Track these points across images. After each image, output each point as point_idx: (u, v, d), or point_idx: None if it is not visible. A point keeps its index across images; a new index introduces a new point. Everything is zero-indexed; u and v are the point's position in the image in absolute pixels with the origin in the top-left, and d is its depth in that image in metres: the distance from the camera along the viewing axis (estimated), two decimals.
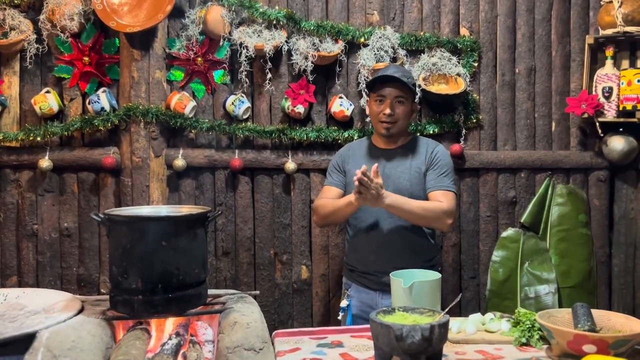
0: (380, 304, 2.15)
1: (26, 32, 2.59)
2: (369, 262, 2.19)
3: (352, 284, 2.26)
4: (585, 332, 1.48)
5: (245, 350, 1.50)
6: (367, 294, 2.21)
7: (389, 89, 2.14)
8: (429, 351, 1.40)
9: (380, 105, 2.17)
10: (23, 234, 2.70)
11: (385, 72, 2.16)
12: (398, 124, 2.18)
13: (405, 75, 2.16)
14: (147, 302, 1.59)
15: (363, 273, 2.22)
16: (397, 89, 2.14)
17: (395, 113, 2.15)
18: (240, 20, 2.72)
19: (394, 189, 2.12)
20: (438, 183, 2.16)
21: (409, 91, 2.17)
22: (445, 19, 2.86)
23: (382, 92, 2.16)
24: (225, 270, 2.79)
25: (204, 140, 2.77)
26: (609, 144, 2.78)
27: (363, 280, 2.22)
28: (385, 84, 2.14)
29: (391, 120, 2.16)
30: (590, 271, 2.81)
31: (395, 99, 2.15)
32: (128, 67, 2.62)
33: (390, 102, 2.15)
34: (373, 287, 2.19)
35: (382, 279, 2.11)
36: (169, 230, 1.62)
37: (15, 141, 2.62)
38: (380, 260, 2.16)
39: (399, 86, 2.14)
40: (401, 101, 2.16)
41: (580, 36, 2.89)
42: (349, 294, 2.25)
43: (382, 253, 2.16)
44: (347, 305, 2.23)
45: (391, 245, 2.16)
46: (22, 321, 1.57)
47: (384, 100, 2.16)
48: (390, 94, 2.15)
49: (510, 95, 2.90)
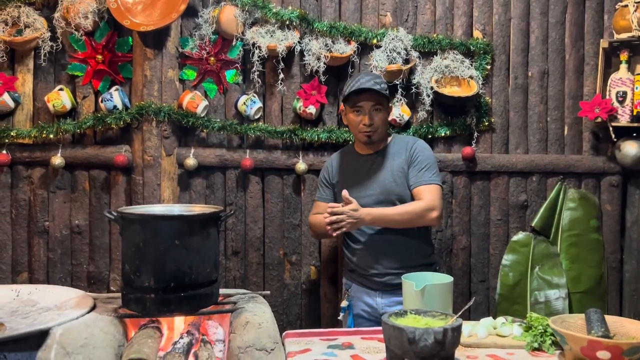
0: (381, 304, 2.19)
1: (40, 30, 2.61)
2: (367, 266, 2.22)
3: (352, 284, 2.29)
4: (600, 339, 1.46)
5: (257, 350, 1.51)
6: (367, 294, 2.24)
7: (364, 100, 2.18)
8: (442, 355, 1.39)
9: (359, 115, 2.21)
10: (34, 231, 2.71)
11: (358, 82, 2.18)
12: (378, 131, 2.22)
13: (377, 82, 2.19)
14: (159, 301, 1.59)
15: (362, 276, 2.24)
16: (372, 99, 2.18)
17: (374, 122, 2.19)
18: (253, 20, 2.72)
19: (381, 192, 2.20)
20: (419, 179, 2.19)
21: (384, 97, 2.20)
22: (458, 21, 2.85)
23: (359, 103, 2.19)
24: (235, 270, 2.79)
25: (215, 139, 2.77)
26: (622, 149, 2.76)
27: (363, 281, 2.25)
28: (360, 95, 2.18)
29: (371, 130, 2.20)
30: (601, 277, 2.79)
31: (372, 107, 2.19)
32: (141, 65, 2.63)
33: (369, 112, 2.19)
34: (373, 288, 2.22)
35: (382, 279, 2.17)
36: (182, 229, 1.62)
37: (28, 138, 2.64)
38: (379, 262, 2.20)
39: (374, 95, 2.17)
40: (378, 109, 2.20)
41: (594, 40, 2.87)
42: (349, 294, 2.28)
43: (380, 255, 2.20)
44: (348, 306, 2.26)
45: (389, 247, 2.19)
46: (34, 317, 1.58)
47: (361, 110, 2.20)
48: (367, 104, 2.18)
49: (523, 98, 2.89)
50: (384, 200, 2.20)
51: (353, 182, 2.25)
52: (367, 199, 2.19)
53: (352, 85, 2.19)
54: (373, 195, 2.21)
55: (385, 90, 2.20)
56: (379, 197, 2.20)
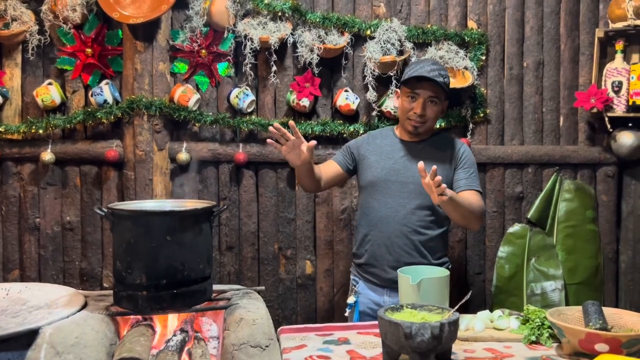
0: (388, 301, 2.12)
1: (28, 23, 2.56)
2: (378, 256, 2.14)
3: (359, 281, 2.23)
4: (598, 331, 1.45)
5: (252, 347, 1.49)
6: (374, 291, 2.17)
7: (423, 88, 2.06)
8: (439, 349, 1.38)
9: (412, 102, 2.09)
10: (25, 228, 2.68)
11: (423, 69, 2.06)
12: (427, 124, 2.12)
13: (441, 74, 2.08)
14: (151, 298, 1.57)
15: (371, 269, 2.17)
16: (431, 89, 2.06)
17: (426, 113, 2.09)
18: (245, 11, 2.68)
19: (414, 182, 2.08)
20: (470, 183, 2.11)
21: (442, 91, 2.10)
22: (452, 12, 2.82)
23: (415, 89, 2.08)
24: (229, 265, 2.77)
25: (207, 133, 2.74)
26: (618, 139, 2.75)
27: (371, 277, 2.18)
28: (420, 82, 2.06)
29: (421, 121, 2.10)
30: (597, 268, 2.78)
31: (428, 98, 2.08)
32: (131, 59, 2.59)
33: (423, 102, 2.08)
34: (381, 284, 2.15)
35: (390, 275, 2.09)
36: (174, 225, 1.60)
37: (17, 134, 2.60)
38: (390, 255, 2.12)
39: (434, 86, 2.06)
40: (433, 101, 2.09)
41: (589, 29, 2.85)
42: (356, 291, 2.21)
43: (393, 248, 2.12)
44: (355, 302, 2.20)
45: (403, 241, 2.11)
46: (24, 316, 1.56)
47: (416, 98, 2.08)
48: (425, 93, 2.07)
49: (518, 89, 2.86)
50: (415, 190, 2.09)
51: (385, 164, 2.15)
52: (400, 185, 2.11)
53: (414, 70, 2.08)
54: (408, 183, 2.10)
55: (447, 85, 2.10)
56: (410, 187, 2.10)
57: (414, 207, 2.11)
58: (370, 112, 2.73)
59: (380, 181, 2.14)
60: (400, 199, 2.11)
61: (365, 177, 2.18)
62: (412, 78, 2.07)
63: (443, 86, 2.07)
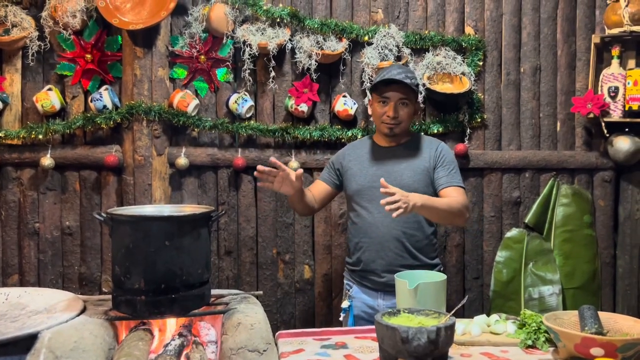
0: (382, 305, 2.14)
1: (28, 29, 2.58)
2: (371, 262, 2.16)
3: (353, 285, 2.24)
4: (593, 335, 1.46)
5: (249, 351, 1.49)
6: (368, 294, 2.18)
7: (392, 91, 2.11)
8: (435, 354, 1.38)
9: (384, 106, 2.14)
10: (24, 232, 2.68)
11: (389, 73, 2.13)
12: (401, 125, 2.16)
13: (408, 76, 2.13)
14: (149, 303, 1.58)
15: (365, 273, 2.19)
16: (400, 91, 2.11)
17: (399, 115, 2.13)
18: (244, 18, 2.70)
19: (397, 185, 2.07)
20: (450, 180, 2.13)
21: (412, 92, 2.15)
22: (450, 18, 2.84)
23: (386, 94, 2.13)
24: (228, 270, 2.78)
25: (206, 138, 2.75)
26: (615, 144, 2.76)
27: (364, 281, 2.19)
28: (388, 86, 2.11)
29: (395, 122, 2.14)
30: (594, 272, 2.79)
31: (399, 100, 2.12)
32: (131, 64, 2.61)
33: (394, 105, 2.12)
34: (375, 288, 2.16)
35: (384, 279, 2.11)
36: (172, 230, 1.61)
37: (17, 139, 2.61)
38: (382, 260, 2.13)
39: (403, 88, 2.11)
40: (405, 103, 2.14)
41: (586, 35, 2.87)
42: (350, 295, 2.22)
43: (385, 252, 2.13)
44: (349, 306, 2.20)
45: (394, 245, 2.13)
46: (23, 321, 1.56)
47: (387, 102, 2.13)
48: (394, 96, 2.12)
49: (515, 94, 2.88)
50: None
51: (368, 171, 2.18)
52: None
53: (381, 75, 2.13)
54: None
55: (415, 85, 2.15)
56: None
57: None
58: (368, 117, 2.74)
59: (365, 189, 2.16)
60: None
61: (351, 187, 2.21)
62: (380, 83, 2.12)
63: (412, 87, 2.12)
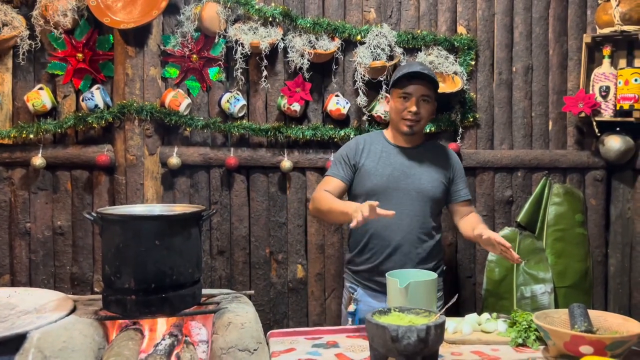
0: None
1: (19, 28, 2.56)
2: (381, 264, 2.11)
3: (357, 288, 2.18)
4: (582, 333, 1.47)
5: (240, 351, 1.49)
6: (374, 297, 2.14)
7: (415, 86, 2.08)
8: (425, 352, 1.38)
9: (405, 102, 2.10)
10: (16, 232, 2.67)
11: (412, 68, 2.10)
12: (421, 123, 2.14)
13: (431, 73, 2.11)
14: (140, 302, 1.57)
15: (372, 275, 2.14)
16: (423, 87, 2.09)
17: (420, 112, 2.11)
18: (236, 17, 2.69)
19: (415, 189, 2.12)
20: (467, 192, 2.26)
21: (434, 90, 2.13)
22: (442, 17, 2.85)
23: (408, 89, 2.09)
24: (221, 269, 2.77)
25: (199, 138, 2.74)
26: (606, 144, 2.77)
27: (370, 283, 2.15)
28: (411, 81, 2.08)
29: (416, 119, 2.11)
30: (586, 271, 2.80)
31: (420, 97, 2.09)
32: (122, 64, 2.60)
33: (416, 100, 2.09)
34: (382, 290, 2.06)
35: None
36: (163, 230, 1.60)
37: (8, 138, 2.59)
38: (394, 263, 2.09)
39: (426, 84, 2.09)
40: (426, 100, 2.11)
41: (577, 35, 2.88)
42: (356, 298, 2.14)
43: (397, 256, 2.10)
44: (355, 310, 2.12)
45: (407, 249, 2.11)
46: (12, 321, 1.55)
47: (409, 97, 2.09)
48: (417, 91, 2.09)
49: (507, 94, 2.89)
50: (417, 198, 2.11)
51: (384, 171, 2.13)
52: (401, 193, 2.10)
53: (404, 70, 2.11)
54: (409, 190, 2.11)
55: (437, 83, 2.13)
56: (412, 194, 2.11)
57: (416, 215, 2.12)
58: (361, 116, 2.74)
59: (381, 189, 2.11)
60: (402, 207, 2.07)
61: (364, 185, 2.14)
62: (403, 78, 2.09)
63: (434, 84, 2.10)
